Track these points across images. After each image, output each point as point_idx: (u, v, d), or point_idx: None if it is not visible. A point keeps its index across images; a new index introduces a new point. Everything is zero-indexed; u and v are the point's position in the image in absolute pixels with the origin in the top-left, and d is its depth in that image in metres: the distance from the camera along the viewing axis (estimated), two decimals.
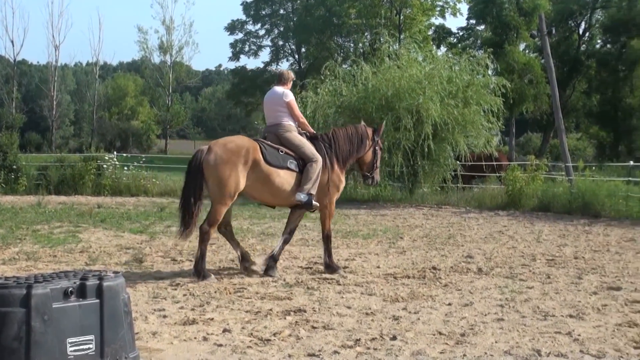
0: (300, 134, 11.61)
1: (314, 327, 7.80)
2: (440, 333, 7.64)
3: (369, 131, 12.31)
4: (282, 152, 11.11)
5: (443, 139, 25.78)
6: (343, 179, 12.02)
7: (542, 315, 8.53)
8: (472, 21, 65.31)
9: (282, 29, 75.17)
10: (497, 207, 23.96)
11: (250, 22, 75.66)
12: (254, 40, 76.61)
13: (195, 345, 7.08)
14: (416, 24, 62.10)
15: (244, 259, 11.28)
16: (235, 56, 76.37)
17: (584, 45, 60.73)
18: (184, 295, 9.42)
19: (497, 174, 28.62)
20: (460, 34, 68.93)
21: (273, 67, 75.80)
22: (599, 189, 21.97)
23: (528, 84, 52.49)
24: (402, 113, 24.36)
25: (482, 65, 27.63)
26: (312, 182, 11.16)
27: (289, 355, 6.75)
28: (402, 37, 56.60)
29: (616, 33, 55.08)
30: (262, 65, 76.91)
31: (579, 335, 7.62)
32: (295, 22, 72.49)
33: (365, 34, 66.64)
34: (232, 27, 76.03)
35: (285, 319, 8.19)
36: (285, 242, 11.74)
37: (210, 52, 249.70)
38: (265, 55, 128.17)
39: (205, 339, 7.29)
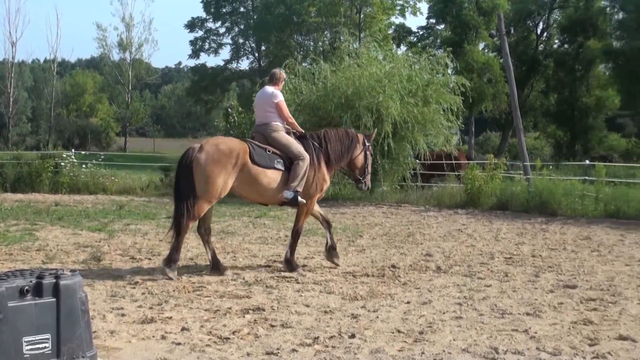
0: (289, 133, 11.80)
1: (272, 326, 7.80)
2: (398, 331, 7.67)
3: (360, 137, 12.63)
4: (269, 151, 11.34)
5: (403, 138, 25.78)
6: (328, 179, 12.22)
7: (500, 313, 8.60)
8: (432, 20, 65.63)
9: (242, 26, 74.95)
10: (456, 205, 24.07)
11: (211, 20, 75.37)
12: (214, 38, 76.33)
13: (154, 343, 7.05)
14: (376, 23, 62.28)
15: (214, 266, 11.14)
16: (195, 54, 76.03)
17: (542, 45, 61.23)
18: (143, 293, 9.37)
19: (456, 173, 28.76)
20: (420, 33, 69.22)
21: (233, 65, 75.65)
22: (556, 187, 22.17)
23: (487, 83, 52.83)
24: (362, 111, 24.28)
25: (441, 65, 27.69)
26: (298, 179, 11.39)
27: (248, 354, 6.75)
28: (362, 35, 56.74)
29: (573, 33, 55.59)
30: (222, 63, 76.65)
31: (536, 332, 7.70)
32: (256, 20, 72.31)
33: (325, 32, 66.72)
34: (192, 25, 75.69)
35: (244, 317, 8.18)
36: (329, 229, 12.32)
37: (170, 50, 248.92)
38: (225, 53, 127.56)
39: (163, 337, 7.26)
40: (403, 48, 63.31)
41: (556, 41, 61.58)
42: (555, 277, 11.34)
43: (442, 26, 62.88)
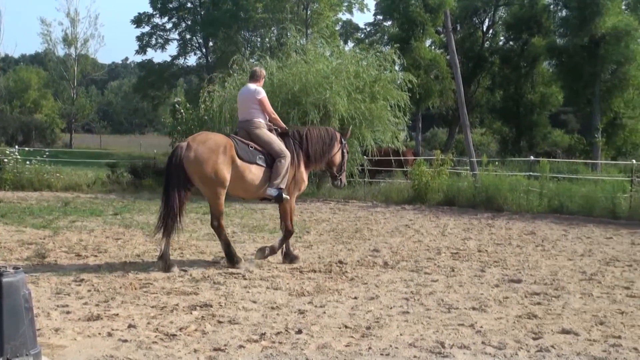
0: (271, 130, 12.09)
1: (219, 322, 7.78)
2: (345, 326, 7.69)
3: (337, 135, 12.99)
4: (251, 147, 11.65)
5: (350, 134, 25.85)
6: (306, 178, 12.53)
7: (446, 308, 8.67)
8: (380, 17, 65.79)
9: (189, 22, 74.43)
10: (403, 201, 24.18)
11: (157, 16, 74.70)
12: (161, 33, 75.60)
13: (100, 341, 6.99)
14: (323, 19, 62.19)
15: (163, 257, 11.05)
16: (142, 49, 75.26)
17: (488, 42, 61.62)
18: (89, 291, 9.28)
19: (404, 169, 28.88)
20: (368, 29, 69.40)
21: (181, 61, 75.11)
22: (502, 183, 22.38)
23: (434, 79, 52.99)
24: (309, 108, 24.25)
25: (389, 61, 27.75)
26: (281, 177, 11.70)
27: (195, 350, 6.72)
28: (309, 32, 56.64)
29: (518, 30, 55.98)
30: (169, 59, 76.02)
31: (481, 327, 7.77)
32: (203, 15, 71.92)
33: (273, 28, 66.49)
34: (138, 20, 74.90)
35: (191, 314, 8.15)
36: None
37: (116, 45, 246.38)
38: (172, 48, 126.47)
39: (109, 334, 7.20)
40: (350, 44, 63.48)
41: (502, 38, 61.94)
42: (500, 271, 11.46)
43: (390, 23, 63.03)
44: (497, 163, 27.99)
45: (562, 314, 8.47)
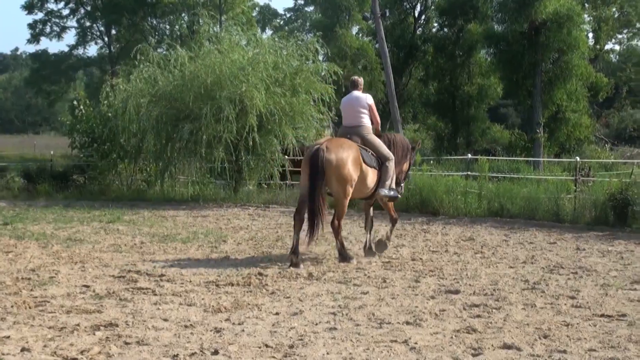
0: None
1: (126, 343, 7.72)
2: (266, 345, 7.69)
3: (409, 144, 15.29)
4: (369, 152, 13.73)
5: (269, 131, 25.81)
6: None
7: (378, 323, 8.72)
8: (301, 2, 65.91)
9: (89, 8, 73.52)
10: (330, 205, 24.20)
11: (52, 1, 73.68)
12: (57, 20, 74.43)
13: None
14: (239, 4, 62.15)
15: (295, 252, 13.16)
16: (34, 38, 73.96)
17: (420, 29, 62.09)
18: None
19: None
20: (288, 15, 69.52)
21: (80, 51, 74.09)
22: (437, 184, 22.56)
23: (362, 70, 53.33)
24: (224, 102, 24.12)
25: (311, 50, 27.77)
26: (390, 177, 13.96)
27: None
28: (223, 19, 56.54)
29: (453, 16, 56.32)
30: (66, 49, 74.95)
31: (416, 343, 7.84)
32: (104, 0, 71.12)
33: (183, 15, 66.13)
34: (30, 6, 73.56)
35: (94, 334, 8.06)
36: (371, 228, 14.91)
37: (5, 34, 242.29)
38: (70, 37, 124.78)
39: None
40: (269, 32, 63.55)
41: (435, 25, 62.31)
42: (436, 282, 11.58)
43: (312, 8, 63.23)
44: (432, 162, 28.26)
45: (503, 327, 8.58)
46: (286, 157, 26.60)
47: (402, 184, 15.06)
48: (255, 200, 25.65)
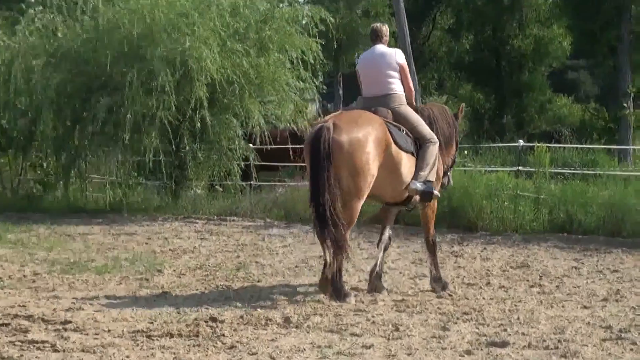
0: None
1: None
2: None
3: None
4: (403, 131, 13.57)
5: (226, 108, 25.77)
6: (441, 173, 14.65)
7: None
8: None
9: None
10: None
11: None
12: None
13: None
14: None
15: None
16: None
17: None
18: None
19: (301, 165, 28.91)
20: None
21: None
22: (475, 185, 22.25)
23: (362, 17, 53.35)
24: (158, 65, 23.99)
25: None
26: (429, 167, 13.65)
27: None
28: None
29: None
30: None
31: None
32: None
33: None
34: None
35: None
36: (386, 249, 14.84)
37: None
38: None
39: None
40: None
41: None
42: (474, 329, 11.55)
43: None
44: (466, 152, 28.18)
45: None
46: (251, 145, 26.57)
47: (449, 175, 15.33)
48: (205, 210, 25.64)
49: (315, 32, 27.18)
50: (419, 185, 13.40)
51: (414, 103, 14.54)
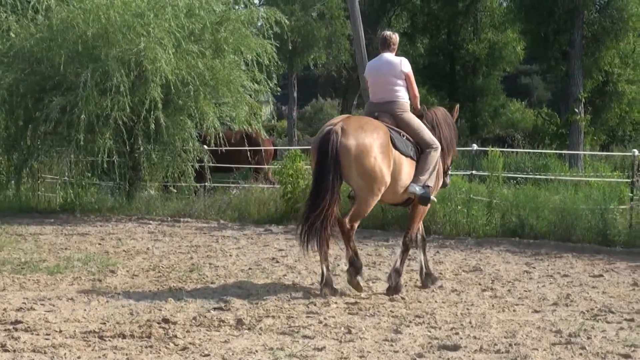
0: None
1: None
2: None
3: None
4: (403, 136, 14.20)
5: (180, 109, 25.72)
6: (441, 176, 15.32)
7: None
8: None
9: None
10: (268, 219, 24.22)
11: None
12: None
13: None
14: None
15: (327, 283, 14.04)
16: None
17: None
18: None
19: (254, 167, 28.91)
20: None
21: None
22: None
23: (318, 19, 53.31)
24: (112, 66, 23.89)
25: None
26: (429, 172, 14.34)
27: None
28: None
29: None
30: None
31: None
32: None
33: None
34: None
35: None
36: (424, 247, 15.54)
37: None
38: None
39: None
40: None
41: None
42: (426, 332, 11.59)
43: None
44: None
45: None
46: (205, 147, 26.53)
47: (449, 174, 16.14)
48: (158, 211, 25.59)
49: (270, 34, 27.22)
50: (417, 189, 14.12)
51: (418, 108, 15.01)
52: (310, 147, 15.27)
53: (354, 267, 13.92)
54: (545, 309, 13.36)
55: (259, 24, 27.71)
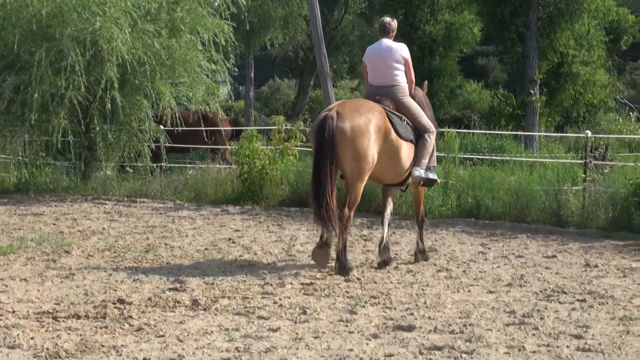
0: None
1: None
2: None
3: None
4: (404, 121, 14.85)
5: (137, 89, 25.59)
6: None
7: None
8: None
9: None
10: (225, 200, 24.16)
11: None
12: None
13: None
14: None
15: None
16: None
17: None
18: None
19: (211, 148, 28.85)
20: None
21: None
22: None
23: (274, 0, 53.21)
24: (67, 45, 23.67)
25: None
26: (429, 155, 15.15)
27: None
28: None
29: None
30: None
31: None
32: None
33: None
34: None
35: None
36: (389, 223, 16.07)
37: None
38: None
39: None
40: None
41: None
42: (381, 313, 11.61)
43: None
44: None
45: None
46: (161, 127, 26.44)
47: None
48: (115, 191, 25.49)
49: (227, 14, 27.15)
50: (422, 173, 14.91)
51: (413, 92, 15.61)
52: (267, 127, 15.55)
53: (340, 263, 14.25)
54: (500, 289, 13.42)
55: (216, 4, 27.60)
